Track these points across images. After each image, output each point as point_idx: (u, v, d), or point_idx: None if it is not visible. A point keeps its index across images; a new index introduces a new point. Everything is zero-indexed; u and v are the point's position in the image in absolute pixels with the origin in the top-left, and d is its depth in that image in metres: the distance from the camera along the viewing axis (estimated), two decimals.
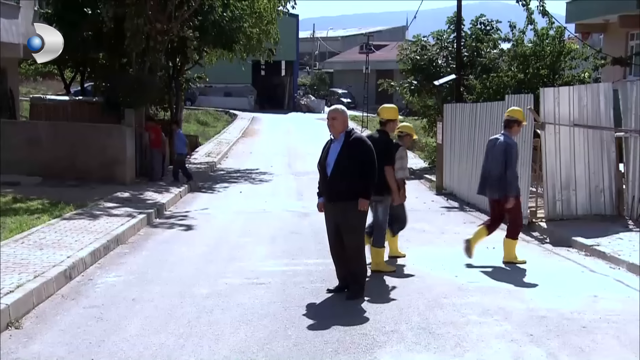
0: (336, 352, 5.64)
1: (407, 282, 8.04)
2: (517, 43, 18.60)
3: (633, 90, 11.16)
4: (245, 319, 6.48)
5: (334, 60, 69.37)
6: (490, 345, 5.87)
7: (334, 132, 7.33)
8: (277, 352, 5.62)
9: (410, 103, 23.70)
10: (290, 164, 23.74)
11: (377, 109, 9.25)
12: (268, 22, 21.91)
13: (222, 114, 44.92)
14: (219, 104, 49.63)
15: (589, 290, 7.62)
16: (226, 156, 25.98)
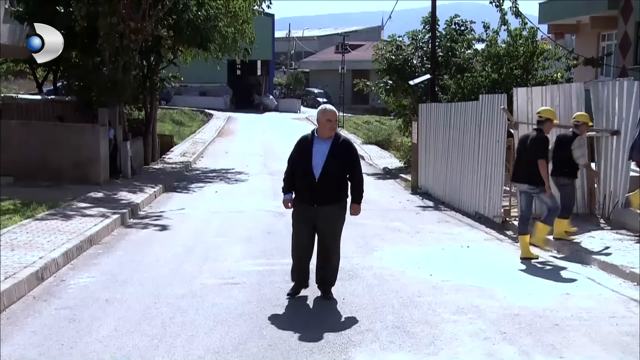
0: (311, 352, 5.63)
1: (382, 281, 8.06)
2: (491, 43, 18.73)
3: (604, 90, 11.29)
4: (220, 319, 6.45)
5: (310, 60, 69.35)
6: (464, 343, 5.91)
7: (329, 133, 6.97)
8: (251, 352, 5.60)
9: (385, 103, 23.77)
10: (266, 163, 23.68)
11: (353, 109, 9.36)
12: (243, 22, 21.79)
13: (198, 114, 44.66)
14: (194, 104, 49.34)
15: (561, 288, 7.71)
16: (202, 156, 25.86)
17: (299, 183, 7.10)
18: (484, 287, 7.76)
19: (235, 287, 7.66)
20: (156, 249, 9.73)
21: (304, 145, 7.04)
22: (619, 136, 10.95)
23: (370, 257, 9.35)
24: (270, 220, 12.54)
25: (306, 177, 6.97)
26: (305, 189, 7.05)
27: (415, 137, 17.74)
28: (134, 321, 6.33)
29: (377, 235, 11.04)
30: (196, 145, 28.57)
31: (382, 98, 23.07)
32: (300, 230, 7.23)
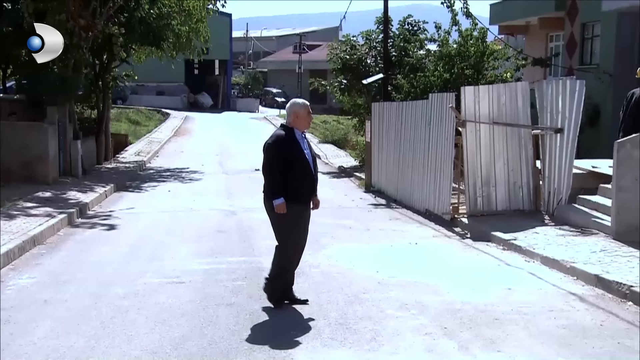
0: (251, 350, 5.56)
1: (329, 279, 8.01)
2: (443, 43, 18.84)
3: (548, 89, 11.44)
4: (161, 318, 6.32)
5: (268, 60, 69.13)
6: (405, 338, 5.89)
7: (308, 127, 6.89)
8: (191, 352, 5.50)
9: (340, 102, 23.77)
10: (222, 162, 23.51)
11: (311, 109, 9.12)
12: (198, 21, 21.56)
13: (155, 113, 44.17)
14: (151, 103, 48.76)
15: (504, 283, 7.74)
16: (157, 155, 25.53)
17: (298, 183, 6.54)
18: (428, 283, 7.77)
19: (180, 286, 7.53)
20: (102, 248, 9.54)
21: (291, 143, 6.55)
22: (562, 134, 11.10)
23: (319, 255, 9.29)
24: (221, 219, 12.43)
25: (307, 175, 6.61)
26: (306, 189, 6.68)
27: (369, 136, 17.77)
28: (73, 322, 6.16)
29: (328, 233, 10.98)
30: (151, 145, 28.20)
31: (337, 97, 23.07)
32: (300, 232, 6.77)
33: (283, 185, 6.49)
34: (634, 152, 9.04)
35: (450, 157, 12.10)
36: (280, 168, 6.49)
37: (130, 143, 27.59)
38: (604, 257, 8.28)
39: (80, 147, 16.99)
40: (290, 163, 6.50)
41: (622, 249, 8.65)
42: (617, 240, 9.05)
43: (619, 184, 9.16)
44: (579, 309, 6.70)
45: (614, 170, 9.30)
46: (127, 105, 45.14)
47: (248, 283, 7.68)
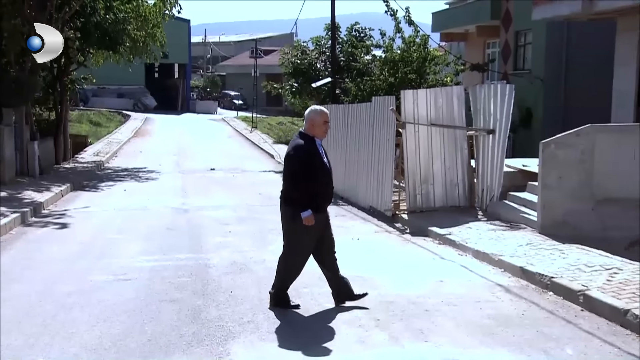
0: (189, 345, 5.43)
1: (272, 274, 7.74)
2: (388, 49, 18.92)
3: (481, 93, 11.54)
4: (104, 315, 6.14)
5: (226, 64, 68.56)
6: (339, 330, 5.83)
7: (323, 136, 6.33)
8: (129, 348, 5.34)
9: (292, 104, 23.71)
10: (179, 162, 23.17)
11: (267, 110, 9.11)
12: (154, 26, 21.16)
13: (115, 115, 43.33)
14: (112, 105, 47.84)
15: (437, 276, 7.74)
16: (115, 155, 25.02)
17: (318, 193, 6.15)
18: (366, 277, 7.70)
19: (125, 283, 7.34)
20: (53, 247, 9.25)
21: (312, 152, 6.12)
22: (494, 135, 11.21)
23: (264, 251, 9.17)
24: (173, 217, 12.22)
25: (327, 185, 6.26)
26: (327, 198, 6.34)
27: None
28: (15, 320, 5.93)
29: (275, 230, 10.74)
30: (111, 145, 27.64)
31: (289, 100, 23.00)
32: (312, 242, 6.34)
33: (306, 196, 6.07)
34: (557, 152, 9.16)
35: (392, 156, 12.12)
36: (304, 179, 6.06)
37: (90, 144, 27.00)
38: (529, 250, 8.37)
39: (37, 148, 16.54)
40: (311, 173, 6.06)
41: (546, 242, 8.76)
42: (543, 234, 9.16)
43: (544, 181, 9.28)
44: (503, 300, 6.74)
45: (540, 169, 9.41)
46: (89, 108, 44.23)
47: (193, 279, 7.53)
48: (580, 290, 6.46)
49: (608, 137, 9.11)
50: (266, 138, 33.17)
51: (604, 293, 6.29)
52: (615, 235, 8.76)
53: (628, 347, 5.27)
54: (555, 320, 6.04)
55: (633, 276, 6.86)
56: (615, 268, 7.21)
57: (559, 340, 5.47)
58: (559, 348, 5.30)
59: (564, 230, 8.98)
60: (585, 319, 6.05)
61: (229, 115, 49.28)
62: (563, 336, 5.59)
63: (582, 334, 5.64)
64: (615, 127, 9.90)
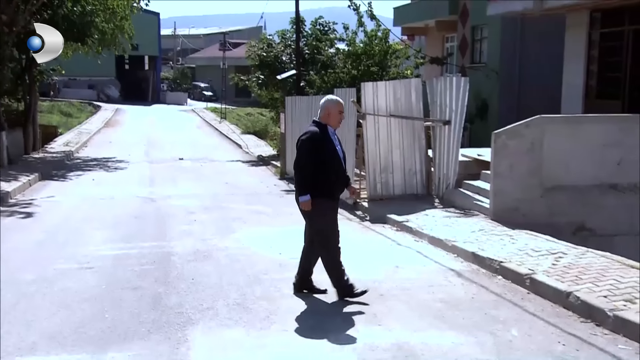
0: (149, 332, 5.34)
1: (233, 261, 7.84)
2: (350, 43, 18.89)
3: (438, 85, 11.57)
4: (65, 303, 6.01)
5: (196, 57, 67.80)
6: (297, 316, 5.80)
7: (337, 125, 6.27)
8: (89, 335, 5.23)
9: (259, 96, 23.52)
10: (148, 152, 22.86)
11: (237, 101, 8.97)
12: (122, 18, 20.75)
13: (86, 106, 42.57)
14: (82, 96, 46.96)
15: (393, 262, 7.75)
16: (85, 145, 24.58)
17: (330, 180, 6.03)
18: None
19: (88, 271, 7.20)
20: (17, 235, 9.04)
21: (325, 140, 6.04)
22: (450, 126, 11.26)
23: (228, 239, 9.11)
24: (139, 206, 12.04)
25: (339, 172, 6.11)
26: (339, 186, 6.19)
27: (283, 127, 17.66)
28: None
29: (239, 218, 10.82)
30: (81, 136, 27.14)
31: (255, 91, 22.82)
32: (335, 223, 6.23)
33: (316, 182, 5.93)
34: (508, 142, 9.23)
35: (353, 146, 12.10)
36: (313, 165, 5.93)
37: (60, 134, 26.46)
38: (481, 236, 8.44)
39: (5, 138, 16.15)
40: (323, 160, 5.94)
41: (497, 228, 8.85)
42: (494, 221, 9.24)
43: (496, 170, 9.35)
44: (455, 284, 6.78)
45: (492, 158, 9.48)
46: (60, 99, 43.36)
47: (156, 267, 7.43)
48: (527, 274, 6.53)
49: (556, 128, 9.21)
50: (234, 129, 32.93)
51: (549, 276, 6.37)
52: (562, 221, 8.89)
53: (569, 328, 5.33)
54: (502, 303, 6.10)
55: (577, 260, 6.95)
56: (560, 252, 7.30)
57: (506, 322, 5.52)
58: (505, 330, 5.35)
59: (514, 216, 9.07)
60: (531, 301, 6.11)
61: (199, 107, 48.79)
62: (509, 318, 5.64)
63: (527, 316, 5.69)
64: (563, 119, 10.02)
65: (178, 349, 4.99)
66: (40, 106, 29.06)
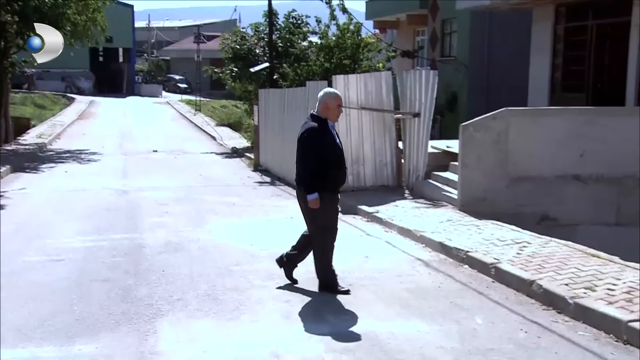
0: (117, 324, 5.27)
1: (205, 252, 7.78)
2: (323, 36, 18.80)
3: (408, 78, 11.59)
4: (33, 296, 5.91)
5: (171, 49, 67.07)
6: (266, 306, 5.77)
7: (335, 119, 6.12)
8: (56, 328, 5.14)
9: (233, 89, 23.36)
10: (122, 144, 22.57)
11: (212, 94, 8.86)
12: (95, 10, 20.41)
13: (60, 98, 41.86)
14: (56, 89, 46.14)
15: (363, 252, 7.75)
16: (58, 137, 24.20)
17: (332, 174, 5.91)
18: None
19: (58, 263, 7.09)
20: None
21: (325, 135, 5.89)
22: (419, 118, 11.29)
23: (200, 230, 9.04)
24: (112, 198, 11.89)
25: (341, 166, 5.99)
26: (340, 180, 6.07)
27: (257, 119, 17.57)
28: None
29: (212, 210, 10.73)
30: (54, 128, 26.70)
31: (229, 84, 22.64)
32: (335, 220, 6.14)
33: (318, 177, 5.80)
34: (475, 134, 9.28)
35: None
36: (316, 161, 5.80)
37: (33, 126, 26.00)
38: (449, 226, 8.48)
39: None
40: (325, 154, 5.82)
41: (464, 218, 8.90)
42: (462, 211, 9.30)
43: (464, 161, 9.40)
44: (422, 273, 6.81)
45: (460, 149, 9.53)
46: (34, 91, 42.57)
47: (126, 259, 7.34)
48: (492, 263, 6.58)
49: (521, 120, 9.29)
50: (209, 121, 32.67)
51: (513, 265, 6.42)
52: (527, 211, 8.98)
53: (532, 316, 5.39)
54: (468, 291, 6.14)
55: (540, 249, 7.03)
56: (524, 242, 7.37)
57: (470, 311, 5.56)
58: (469, 318, 5.38)
59: (481, 207, 9.13)
60: (496, 290, 6.17)
61: (174, 99, 48.29)
62: (474, 307, 5.68)
63: (491, 305, 5.74)
64: (528, 111, 10.11)
65: (146, 341, 4.93)
66: (13, 98, 28.53)
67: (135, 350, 4.76)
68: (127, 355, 4.67)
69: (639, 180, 9.18)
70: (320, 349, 4.76)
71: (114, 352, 4.71)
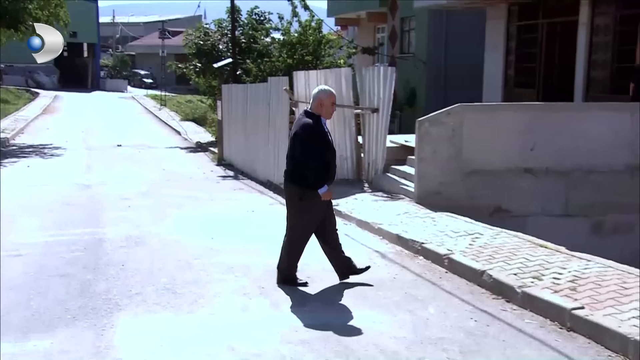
0: (74, 319, 5.13)
1: (165, 246, 7.65)
2: (285, 32, 18.71)
3: (366, 75, 11.59)
4: None
5: (136, 44, 65.94)
6: (225, 299, 5.70)
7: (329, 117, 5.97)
8: (11, 324, 4.98)
9: (196, 84, 23.09)
10: (86, 139, 22.10)
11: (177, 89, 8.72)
12: (57, 5, 19.90)
13: (24, 92, 40.81)
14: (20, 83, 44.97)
15: None
16: (22, 132, 23.56)
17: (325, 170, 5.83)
18: (256, 247, 7.59)
19: (16, 259, 6.88)
20: None
21: (320, 131, 5.77)
22: (378, 113, 11.31)
23: (161, 224, 8.89)
24: (74, 192, 11.63)
25: (332, 163, 5.90)
26: (331, 176, 5.96)
27: (220, 114, 17.40)
28: None
29: (174, 204, 10.57)
30: (17, 122, 25.99)
31: (193, 79, 22.37)
32: (317, 220, 6.00)
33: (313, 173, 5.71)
34: (431, 129, 9.34)
35: (286, 133, 11.98)
36: (313, 157, 5.68)
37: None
38: (405, 218, 8.52)
39: None
40: (318, 151, 5.72)
41: (421, 211, 8.95)
42: (419, 204, 9.35)
43: (420, 156, 9.45)
44: (379, 265, 6.81)
45: (416, 144, 9.58)
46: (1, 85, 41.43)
47: (86, 254, 7.17)
48: (446, 255, 6.63)
49: (475, 115, 9.37)
50: (174, 115, 32.24)
51: (466, 256, 6.48)
52: (480, 203, 9.08)
53: (482, 305, 5.44)
54: (422, 282, 6.17)
55: (491, 240, 7.11)
56: (477, 233, 7.45)
57: (424, 301, 5.58)
58: (422, 308, 5.40)
59: (437, 199, 9.20)
60: (449, 280, 6.21)
61: (139, 94, 47.52)
62: (428, 297, 5.70)
63: (444, 295, 5.78)
64: (481, 107, 10.22)
65: (103, 335, 4.82)
66: None
67: (91, 345, 4.65)
68: (83, 350, 4.55)
69: (586, 172, 9.35)
70: (277, 341, 4.73)
71: (69, 347, 4.59)
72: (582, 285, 5.39)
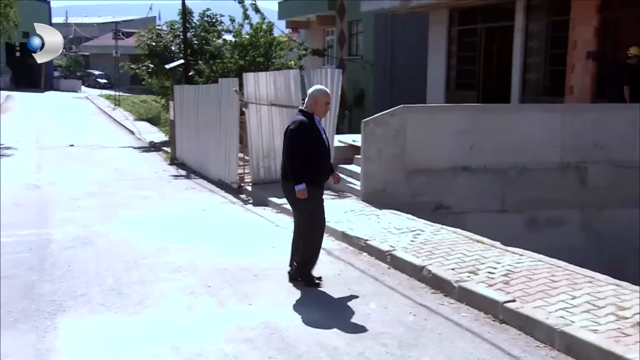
0: (16, 322, 4.93)
1: (113, 247, 7.45)
2: (237, 34, 18.52)
3: (314, 76, 11.53)
4: None
5: (90, 45, 64.40)
6: (171, 299, 5.57)
7: (323, 115, 5.94)
8: None
9: (149, 84, 22.64)
10: (38, 139, 21.41)
11: (132, 89, 8.48)
12: (6, 6, 19.22)
13: None
14: None
15: (270, 242, 7.64)
16: None
17: (317, 167, 5.75)
18: (205, 246, 7.47)
19: None
20: None
21: (312, 129, 5.73)
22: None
23: (110, 225, 8.66)
24: (23, 192, 11.24)
25: (325, 160, 5.86)
26: (325, 171, 5.93)
27: (172, 114, 17.10)
28: None
29: (124, 204, 10.32)
30: None
31: (146, 80, 21.94)
32: (322, 209, 5.91)
33: (304, 169, 5.63)
34: (376, 129, 9.36)
35: (236, 133, 11.88)
36: (303, 153, 5.62)
37: None
38: (352, 216, 8.51)
39: None
40: (311, 148, 5.67)
41: (366, 208, 8.97)
42: (364, 202, 9.36)
43: (366, 155, 9.46)
44: (325, 262, 6.76)
45: (362, 144, 9.59)
46: None
47: (32, 255, 6.92)
48: (388, 251, 6.65)
49: (417, 116, 9.44)
50: (128, 115, 31.58)
51: (407, 252, 6.51)
52: (423, 200, 9.15)
53: (421, 299, 5.47)
54: (365, 278, 6.17)
55: (432, 236, 7.17)
56: (418, 230, 7.50)
57: (366, 297, 5.58)
58: (364, 303, 5.40)
59: (382, 197, 9.23)
60: (391, 276, 6.22)
61: (93, 94, 46.37)
62: (370, 292, 5.70)
63: (386, 290, 5.78)
64: (423, 108, 10.30)
65: (44, 338, 4.64)
66: None
67: (32, 348, 4.47)
68: (23, 354, 4.37)
69: (520, 170, 9.55)
70: (221, 340, 4.64)
71: (9, 351, 4.40)
72: (515, 279, 5.49)
